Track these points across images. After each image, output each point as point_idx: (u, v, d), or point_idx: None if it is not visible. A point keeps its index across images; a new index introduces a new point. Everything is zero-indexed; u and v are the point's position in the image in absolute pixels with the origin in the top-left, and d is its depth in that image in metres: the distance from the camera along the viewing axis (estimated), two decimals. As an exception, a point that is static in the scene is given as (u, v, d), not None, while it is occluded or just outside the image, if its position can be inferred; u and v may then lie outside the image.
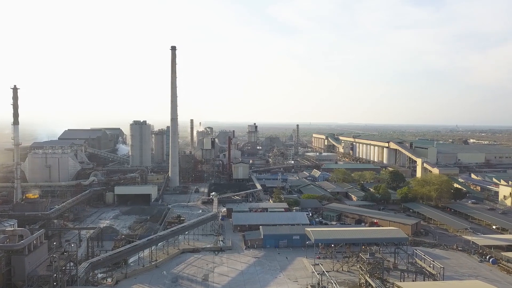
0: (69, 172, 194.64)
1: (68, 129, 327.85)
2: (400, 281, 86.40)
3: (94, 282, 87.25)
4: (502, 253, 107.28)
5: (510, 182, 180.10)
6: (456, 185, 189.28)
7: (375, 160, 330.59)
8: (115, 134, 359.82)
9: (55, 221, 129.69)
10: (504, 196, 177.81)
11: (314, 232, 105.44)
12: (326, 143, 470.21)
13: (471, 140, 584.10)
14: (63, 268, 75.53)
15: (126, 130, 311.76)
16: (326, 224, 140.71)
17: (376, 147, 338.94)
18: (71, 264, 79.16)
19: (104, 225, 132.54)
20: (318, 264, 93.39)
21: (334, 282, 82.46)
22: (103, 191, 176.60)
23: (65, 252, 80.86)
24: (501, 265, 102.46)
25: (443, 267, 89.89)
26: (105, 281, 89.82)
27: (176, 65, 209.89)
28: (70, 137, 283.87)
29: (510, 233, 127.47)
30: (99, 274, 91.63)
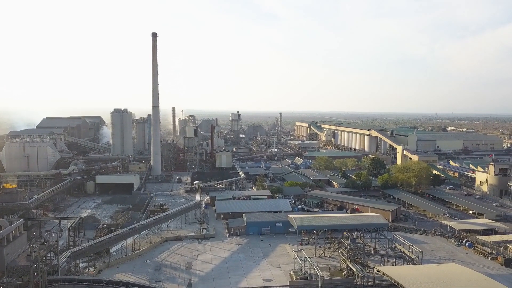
0: (48, 161, 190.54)
1: (47, 118, 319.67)
2: (380, 266, 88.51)
3: (76, 271, 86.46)
4: (477, 237, 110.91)
5: (486, 168, 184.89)
6: (435, 171, 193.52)
7: (357, 147, 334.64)
8: (95, 123, 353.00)
9: (35, 211, 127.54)
10: (480, 182, 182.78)
11: (296, 219, 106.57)
12: (308, 131, 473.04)
13: (450, 128, 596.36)
14: (44, 258, 74.51)
15: (107, 119, 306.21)
16: (308, 211, 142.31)
17: (357, 135, 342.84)
18: (52, 254, 78.16)
19: (85, 214, 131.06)
20: (300, 250, 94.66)
21: (316, 268, 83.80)
22: (84, 180, 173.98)
23: (45, 242, 79.72)
24: (476, 248, 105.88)
25: (422, 252, 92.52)
26: (87, 270, 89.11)
27: (157, 52, 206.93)
28: (48, 126, 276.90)
29: (485, 218, 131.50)
30: (81, 264, 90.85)
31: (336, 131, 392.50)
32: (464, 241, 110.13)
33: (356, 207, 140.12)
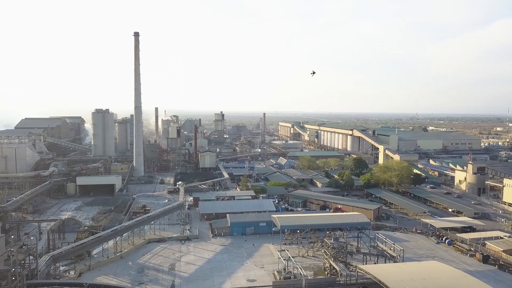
0: (27, 162, 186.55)
1: (26, 118, 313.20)
2: (363, 264, 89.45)
3: (56, 275, 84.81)
4: (457, 234, 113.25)
5: (465, 167, 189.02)
6: (415, 170, 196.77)
7: (339, 147, 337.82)
8: (76, 123, 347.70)
9: (13, 213, 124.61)
10: (459, 180, 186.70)
11: (280, 218, 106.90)
12: (292, 131, 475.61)
13: (430, 128, 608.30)
14: (22, 262, 72.89)
15: (88, 119, 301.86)
16: (292, 210, 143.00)
17: (340, 135, 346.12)
18: (31, 257, 76.52)
19: (66, 216, 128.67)
20: (284, 250, 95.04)
21: (299, 267, 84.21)
22: (64, 182, 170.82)
23: (24, 245, 77.98)
24: (456, 245, 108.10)
25: (403, 250, 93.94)
26: (67, 274, 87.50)
27: (139, 52, 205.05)
28: (27, 126, 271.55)
29: (464, 216, 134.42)
30: (61, 267, 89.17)
31: (319, 131, 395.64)
32: (444, 239, 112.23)
33: (339, 207, 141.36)
